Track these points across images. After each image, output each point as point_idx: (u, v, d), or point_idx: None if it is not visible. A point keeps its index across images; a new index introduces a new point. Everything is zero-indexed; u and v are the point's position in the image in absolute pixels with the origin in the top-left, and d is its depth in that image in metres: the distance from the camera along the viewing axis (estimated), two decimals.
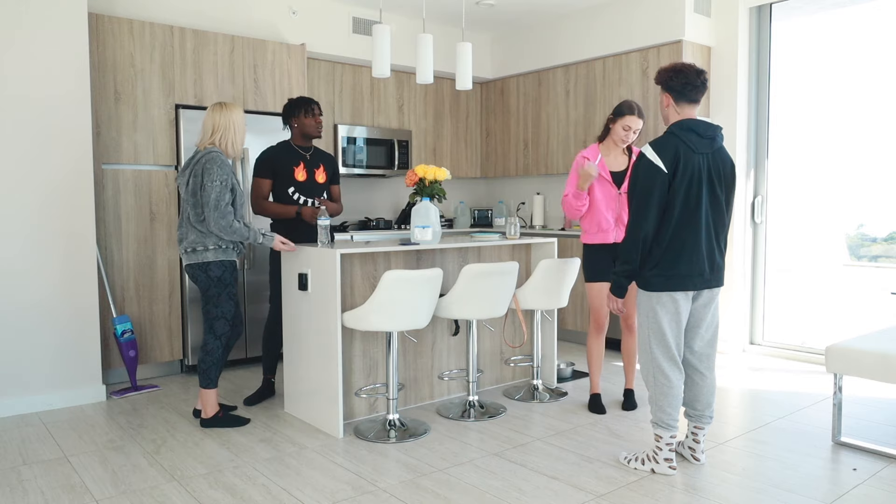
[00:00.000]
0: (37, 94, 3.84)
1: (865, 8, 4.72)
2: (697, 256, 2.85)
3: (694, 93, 2.89)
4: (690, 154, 2.82)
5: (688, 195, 2.82)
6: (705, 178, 2.85)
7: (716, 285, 2.94)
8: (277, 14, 5.26)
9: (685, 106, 2.91)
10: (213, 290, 3.49)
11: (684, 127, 2.86)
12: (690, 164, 2.81)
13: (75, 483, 2.87)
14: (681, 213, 2.83)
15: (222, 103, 3.52)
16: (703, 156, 2.85)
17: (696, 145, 2.83)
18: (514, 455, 3.15)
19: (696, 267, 2.86)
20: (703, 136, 2.86)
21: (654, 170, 2.81)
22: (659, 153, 2.82)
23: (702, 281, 2.88)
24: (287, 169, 3.99)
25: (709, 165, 2.86)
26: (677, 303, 2.89)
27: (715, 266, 2.92)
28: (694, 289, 2.89)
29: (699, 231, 2.85)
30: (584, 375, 4.59)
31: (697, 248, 2.85)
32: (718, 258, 2.94)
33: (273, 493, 2.74)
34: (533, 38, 6.22)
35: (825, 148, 5.01)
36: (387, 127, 6.07)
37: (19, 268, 3.81)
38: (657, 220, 2.84)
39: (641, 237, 2.85)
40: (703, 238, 2.86)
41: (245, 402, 3.97)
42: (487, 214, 6.83)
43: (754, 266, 5.31)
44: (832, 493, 2.72)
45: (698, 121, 2.88)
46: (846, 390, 4.09)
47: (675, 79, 2.89)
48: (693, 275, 2.86)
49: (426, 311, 3.37)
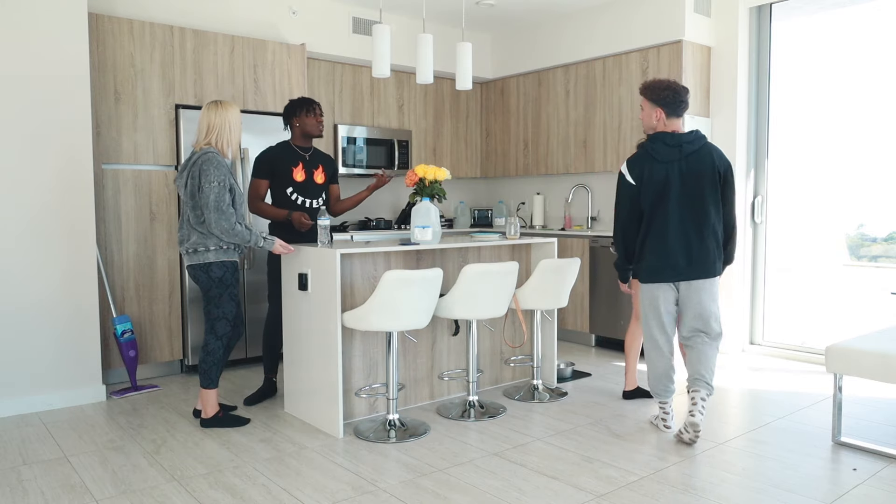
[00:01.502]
0: (37, 94, 3.84)
1: (865, 8, 4.72)
2: (667, 252, 3.26)
3: (681, 108, 3.32)
4: (654, 164, 3.26)
5: (654, 199, 3.27)
6: (677, 182, 3.24)
7: (695, 277, 3.28)
8: (277, 14, 5.26)
9: (674, 120, 3.33)
10: (215, 291, 3.49)
11: (654, 139, 3.30)
12: (655, 173, 3.26)
13: (75, 483, 2.87)
14: (650, 215, 3.29)
15: (217, 102, 3.50)
16: (670, 163, 3.25)
17: (661, 155, 3.26)
18: (514, 455, 3.15)
19: (668, 261, 3.27)
20: (670, 144, 3.26)
21: (625, 182, 3.34)
22: (629, 169, 3.34)
23: (674, 273, 3.28)
24: (285, 169, 3.99)
25: (680, 170, 3.25)
26: (654, 292, 3.34)
27: (693, 259, 3.26)
28: (667, 280, 3.30)
29: (667, 230, 3.26)
30: (585, 375, 4.59)
31: (665, 244, 3.26)
32: (698, 252, 3.26)
33: (273, 493, 2.74)
34: (533, 38, 6.22)
35: (825, 148, 5.01)
36: (387, 127, 6.07)
37: (19, 268, 3.81)
38: (630, 221, 3.36)
39: (619, 234, 3.41)
40: (675, 235, 3.25)
41: (245, 401, 3.96)
42: (487, 214, 6.84)
43: (754, 266, 5.31)
44: (832, 493, 2.72)
45: (666, 133, 3.29)
46: (846, 390, 4.08)
47: (670, 96, 3.29)
48: (665, 268, 3.28)
49: (426, 311, 3.37)
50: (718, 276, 3.34)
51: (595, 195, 6.07)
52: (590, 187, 6.09)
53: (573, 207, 6.26)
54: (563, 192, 6.37)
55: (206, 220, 3.38)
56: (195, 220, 3.44)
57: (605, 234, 5.36)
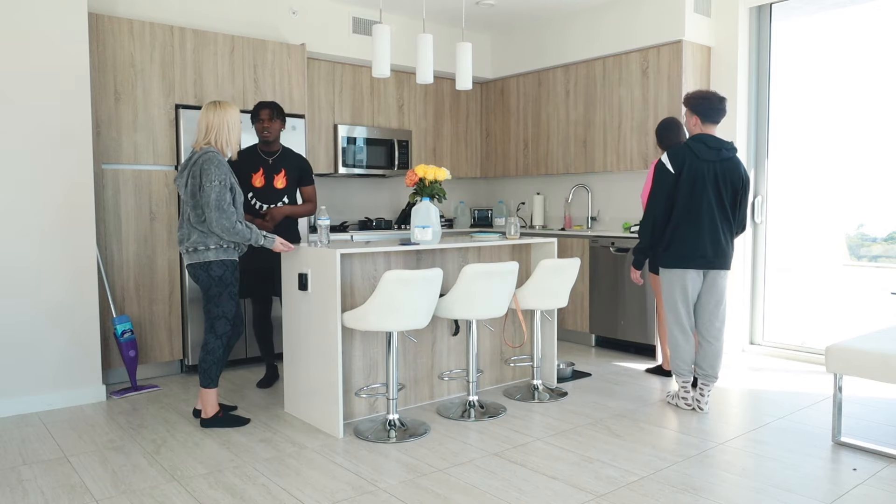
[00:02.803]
0: (37, 94, 3.84)
1: (865, 8, 4.72)
2: (699, 241, 3.61)
3: (714, 115, 3.67)
4: (695, 160, 3.61)
5: (690, 192, 3.61)
6: (710, 181, 3.61)
7: (719, 267, 3.66)
8: (277, 14, 5.26)
9: (709, 125, 3.70)
10: (215, 290, 3.50)
11: (697, 139, 3.65)
12: (694, 168, 3.60)
13: (75, 483, 2.87)
14: (684, 206, 3.63)
15: (216, 102, 3.51)
16: (709, 163, 3.61)
17: (702, 154, 3.61)
18: (514, 455, 3.15)
19: (699, 250, 3.62)
20: (710, 146, 3.63)
21: (665, 171, 3.67)
22: (670, 158, 3.66)
23: (704, 262, 3.63)
24: (245, 175, 4.08)
25: (715, 171, 3.61)
26: (684, 278, 3.68)
27: (719, 251, 3.64)
28: (697, 267, 3.64)
29: (701, 221, 3.60)
30: (585, 375, 4.60)
31: (699, 234, 3.61)
32: (724, 245, 3.64)
33: (273, 493, 2.74)
34: (533, 38, 6.22)
35: (825, 148, 5.01)
36: (387, 127, 6.07)
37: (19, 268, 3.81)
38: (665, 209, 3.67)
39: (651, 221, 3.71)
40: (706, 227, 3.60)
41: (258, 384, 4.30)
42: (487, 214, 6.84)
43: (754, 266, 5.31)
44: (832, 493, 2.72)
45: (709, 135, 3.66)
46: (846, 390, 4.08)
47: (702, 104, 3.67)
48: (695, 256, 3.63)
49: (426, 311, 3.37)
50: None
51: (595, 195, 6.07)
52: (590, 187, 6.09)
53: (573, 207, 6.26)
54: (563, 192, 6.38)
55: (206, 218, 3.38)
56: (195, 219, 3.44)
57: (606, 234, 5.36)
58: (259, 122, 4.09)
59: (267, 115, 4.08)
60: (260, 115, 4.09)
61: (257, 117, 4.10)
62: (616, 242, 5.27)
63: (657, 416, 3.72)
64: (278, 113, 4.12)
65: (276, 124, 4.11)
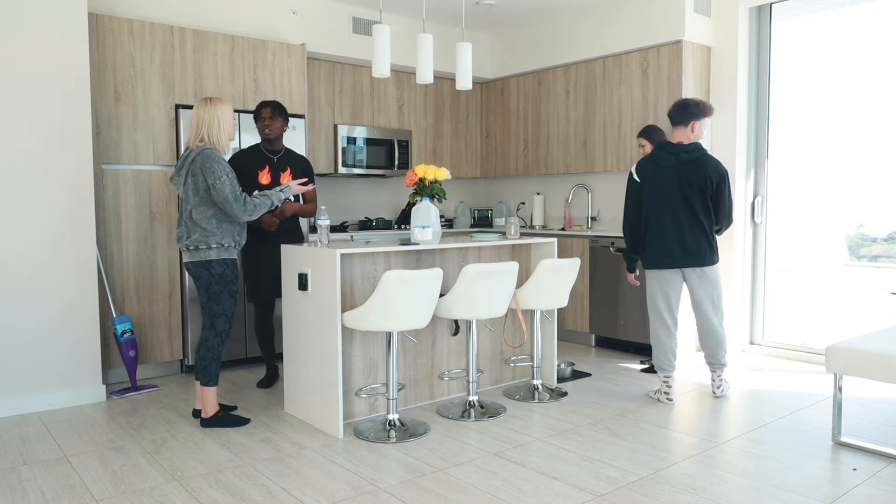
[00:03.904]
0: (36, 94, 3.84)
1: (865, 8, 4.72)
2: (664, 243, 3.84)
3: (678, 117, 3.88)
4: (656, 168, 3.87)
5: (654, 197, 3.86)
6: (673, 185, 3.81)
7: (691, 265, 3.83)
8: (277, 14, 5.26)
9: (680, 128, 3.90)
10: (215, 287, 3.50)
11: (659, 147, 3.93)
12: (655, 175, 3.87)
13: (75, 483, 2.87)
14: (650, 210, 3.88)
15: (208, 98, 3.51)
16: (669, 168, 3.83)
17: (662, 160, 3.86)
18: (514, 455, 3.15)
19: (664, 250, 3.84)
20: (670, 152, 3.86)
21: (632, 180, 3.98)
22: (636, 169, 3.97)
23: (672, 261, 3.84)
24: (251, 172, 4.08)
25: (678, 175, 3.81)
26: (659, 277, 3.91)
27: (687, 250, 3.81)
28: (666, 267, 3.86)
29: (665, 223, 3.83)
30: (585, 375, 4.60)
31: (664, 236, 3.83)
32: (691, 244, 3.80)
33: (273, 493, 2.74)
34: (533, 38, 6.22)
35: (825, 148, 5.01)
36: (387, 127, 6.07)
37: (19, 268, 3.81)
38: (636, 215, 3.95)
39: (626, 226, 4.01)
40: (670, 229, 3.82)
41: (258, 384, 4.33)
42: (487, 214, 6.84)
43: (754, 266, 5.31)
44: (832, 493, 2.72)
45: (668, 143, 3.91)
46: (846, 390, 4.08)
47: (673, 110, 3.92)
48: (663, 256, 3.86)
49: (426, 311, 3.37)
50: (716, 265, 3.88)
51: (595, 195, 6.07)
52: (590, 187, 6.09)
53: (573, 207, 6.26)
54: (563, 192, 6.37)
55: (230, 213, 3.43)
56: (199, 216, 3.44)
57: (605, 234, 5.36)
58: (261, 120, 4.13)
59: (268, 113, 4.10)
60: (262, 114, 4.12)
61: (259, 116, 4.13)
62: (616, 242, 5.27)
63: (657, 416, 3.72)
64: (280, 111, 4.14)
65: (278, 122, 4.13)
